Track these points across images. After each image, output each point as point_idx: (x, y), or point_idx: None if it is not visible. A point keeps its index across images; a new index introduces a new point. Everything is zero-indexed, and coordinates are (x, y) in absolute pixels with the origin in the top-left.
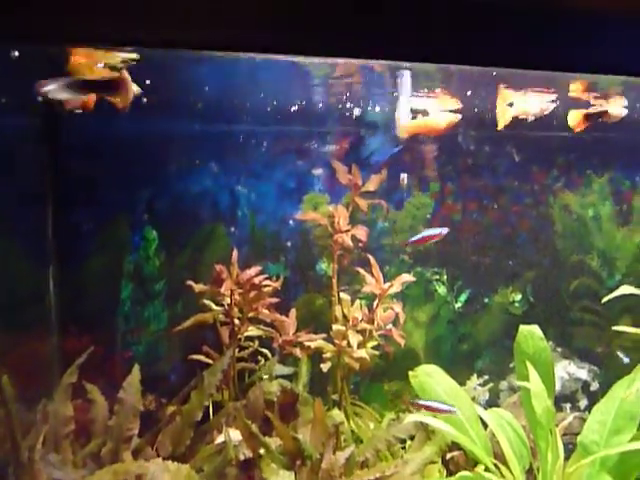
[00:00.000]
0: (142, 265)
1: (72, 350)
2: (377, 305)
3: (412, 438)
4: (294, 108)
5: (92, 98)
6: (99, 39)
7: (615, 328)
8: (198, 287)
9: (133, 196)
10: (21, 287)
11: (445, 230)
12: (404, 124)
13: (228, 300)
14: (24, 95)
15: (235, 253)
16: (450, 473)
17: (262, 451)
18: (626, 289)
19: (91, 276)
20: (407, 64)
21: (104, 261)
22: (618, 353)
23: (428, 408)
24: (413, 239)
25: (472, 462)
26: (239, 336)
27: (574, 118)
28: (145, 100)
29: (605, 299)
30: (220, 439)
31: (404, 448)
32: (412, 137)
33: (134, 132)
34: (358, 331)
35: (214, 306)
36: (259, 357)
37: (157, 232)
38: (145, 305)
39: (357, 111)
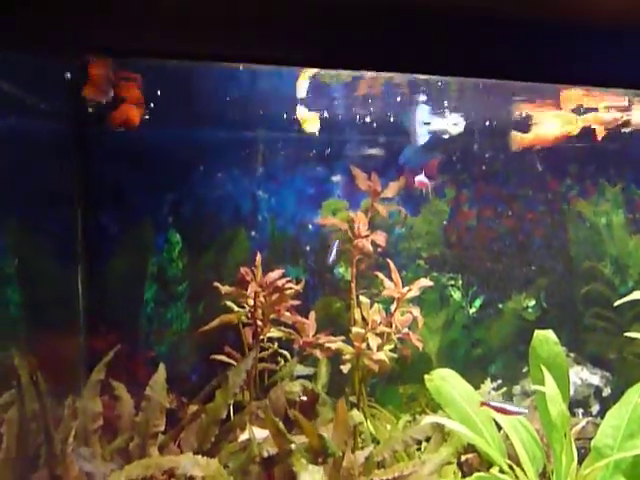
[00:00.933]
0: (166, 267)
1: (98, 348)
2: (396, 309)
3: (428, 439)
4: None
5: (136, 115)
6: (100, 48)
7: (627, 334)
8: (224, 289)
9: (158, 200)
10: (51, 287)
11: None
12: (518, 137)
13: (251, 302)
14: (56, 102)
15: (259, 256)
16: (464, 475)
17: (292, 446)
18: (638, 295)
19: (117, 277)
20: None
21: (129, 263)
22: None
23: (501, 410)
24: None
25: (486, 464)
26: (261, 337)
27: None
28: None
29: (617, 303)
30: (243, 437)
31: (419, 449)
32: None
33: (160, 139)
34: (377, 334)
35: (237, 307)
36: (279, 358)
37: (180, 235)
38: (168, 306)
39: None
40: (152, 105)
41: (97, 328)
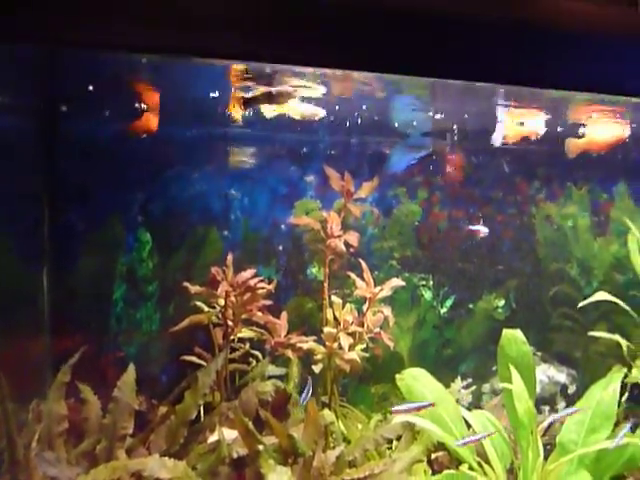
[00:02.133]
0: (135, 267)
1: (65, 350)
2: (367, 308)
3: (399, 438)
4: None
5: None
6: (100, 42)
7: (591, 333)
8: (194, 288)
9: (128, 199)
10: (15, 287)
11: None
12: (573, 142)
13: (222, 302)
14: (23, 96)
15: (230, 256)
16: (435, 472)
17: (260, 447)
18: (601, 295)
19: (85, 276)
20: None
21: (98, 262)
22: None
23: (409, 410)
24: None
25: (456, 462)
26: (232, 337)
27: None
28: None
29: (581, 304)
30: (212, 438)
31: (390, 448)
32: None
33: (129, 136)
34: (349, 334)
35: (207, 308)
36: (250, 359)
37: (151, 234)
38: (138, 306)
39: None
40: (123, 102)
41: (64, 329)
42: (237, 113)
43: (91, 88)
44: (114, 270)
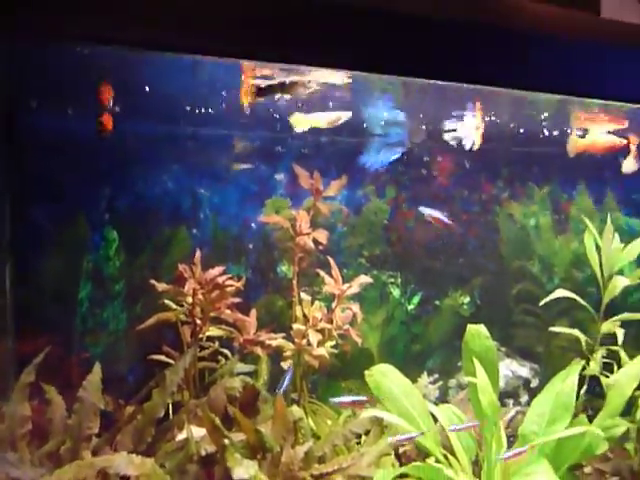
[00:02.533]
0: (102, 265)
1: (29, 351)
2: (336, 305)
3: (367, 433)
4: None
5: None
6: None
7: (551, 329)
8: (161, 286)
9: (94, 196)
10: None
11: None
12: (574, 143)
13: (190, 299)
14: None
15: (198, 253)
16: (402, 466)
17: (226, 441)
18: (560, 292)
19: (49, 275)
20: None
21: (63, 260)
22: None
23: (346, 404)
24: None
25: (423, 455)
26: (200, 335)
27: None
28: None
29: (542, 302)
30: (181, 436)
31: (359, 443)
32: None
33: (96, 132)
34: (318, 330)
35: (175, 306)
36: (219, 357)
37: (117, 232)
38: (104, 305)
39: None
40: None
41: (27, 329)
42: (251, 101)
43: (57, 82)
44: (80, 269)
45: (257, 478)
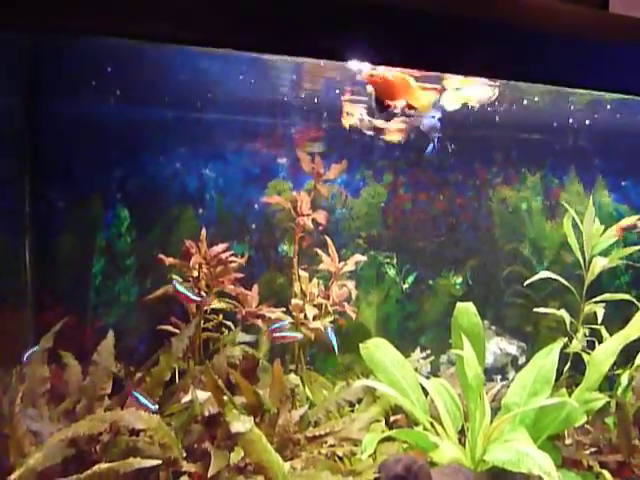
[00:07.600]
0: (114, 242)
1: (47, 321)
2: (332, 282)
3: (360, 401)
4: None
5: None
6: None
7: (537, 310)
8: (168, 260)
9: (107, 177)
10: None
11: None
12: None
13: (195, 273)
14: (5, 76)
15: (204, 231)
16: None
17: (225, 398)
18: (545, 274)
19: (65, 251)
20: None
21: (78, 237)
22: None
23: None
24: None
25: (412, 424)
26: (205, 308)
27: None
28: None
29: (527, 282)
30: (186, 399)
31: (352, 411)
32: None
33: (109, 116)
34: (314, 305)
35: (182, 280)
36: (223, 329)
37: (129, 211)
38: (116, 279)
39: None
40: (102, 83)
41: (45, 301)
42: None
43: (73, 69)
44: (94, 245)
45: (253, 431)
